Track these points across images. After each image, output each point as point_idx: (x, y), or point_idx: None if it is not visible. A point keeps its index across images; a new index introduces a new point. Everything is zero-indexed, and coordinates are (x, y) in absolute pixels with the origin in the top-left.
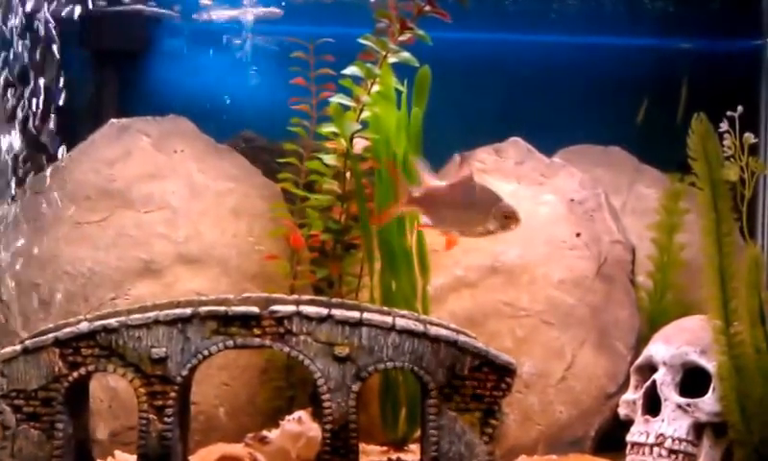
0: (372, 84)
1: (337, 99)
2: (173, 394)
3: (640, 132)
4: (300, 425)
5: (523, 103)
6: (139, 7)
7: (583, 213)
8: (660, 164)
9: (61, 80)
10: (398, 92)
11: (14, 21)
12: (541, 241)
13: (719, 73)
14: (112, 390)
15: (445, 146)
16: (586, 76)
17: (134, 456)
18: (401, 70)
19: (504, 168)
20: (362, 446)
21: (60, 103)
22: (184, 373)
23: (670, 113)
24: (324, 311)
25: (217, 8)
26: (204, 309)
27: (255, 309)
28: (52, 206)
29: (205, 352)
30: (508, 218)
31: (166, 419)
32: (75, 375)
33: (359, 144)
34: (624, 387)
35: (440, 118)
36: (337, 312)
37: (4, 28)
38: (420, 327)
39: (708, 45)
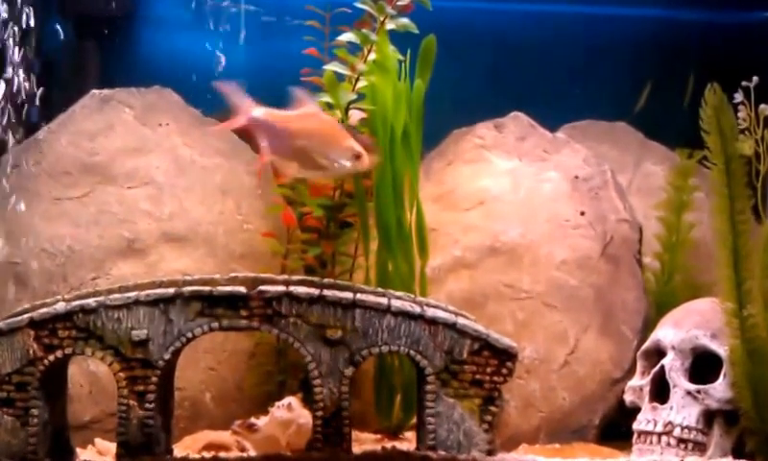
0: (369, 52)
1: (332, 67)
2: (154, 379)
3: (649, 107)
4: (290, 412)
5: (526, 76)
6: None
7: (587, 191)
8: (668, 140)
9: (39, 48)
10: (400, 64)
11: None
12: (544, 220)
13: (731, 45)
14: (93, 374)
15: (443, 121)
16: (592, 48)
17: (115, 444)
18: (403, 42)
19: (505, 144)
20: (355, 434)
21: (38, 72)
22: (167, 356)
23: (680, 87)
24: (316, 292)
25: None
26: (187, 289)
27: (242, 289)
28: (30, 180)
29: (189, 335)
30: (357, 157)
31: (147, 405)
32: (51, 358)
33: (355, 116)
34: (630, 373)
35: (437, 91)
36: (329, 293)
37: None
38: (417, 309)
39: (720, 16)
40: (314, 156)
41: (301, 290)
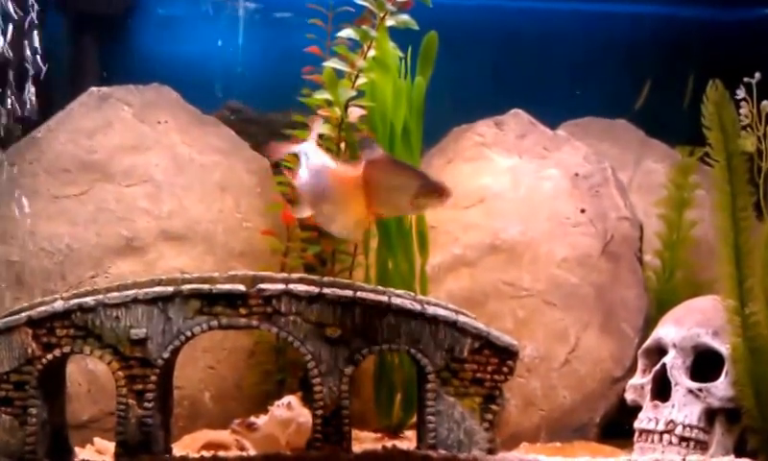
0: (369, 49)
1: (331, 64)
2: (153, 377)
3: (649, 105)
4: (290, 411)
5: (526, 73)
6: None
7: (588, 188)
8: (669, 138)
9: (38, 45)
10: (401, 61)
11: None
12: (544, 218)
13: (732, 42)
14: (91, 373)
15: (443, 118)
16: (593, 45)
17: (114, 443)
18: (404, 39)
19: (505, 141)
20: (355, 433)
21: (37, 70)
22: (166, 355)
23: (681, 84)
24: (315, 290)
25: None
26: (186, 287)
27: (241, 287)
28: (28, 179)
29: (188, 333)
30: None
31: (146, 404)
32: (49, 356)
33: (354, 113)
34: (631, 371)
35: (438, 88)
36: (329, 291)
37: None
38: (417, 307)
39: (721, 13)
40: (326, 209)
41: (301, 288)
